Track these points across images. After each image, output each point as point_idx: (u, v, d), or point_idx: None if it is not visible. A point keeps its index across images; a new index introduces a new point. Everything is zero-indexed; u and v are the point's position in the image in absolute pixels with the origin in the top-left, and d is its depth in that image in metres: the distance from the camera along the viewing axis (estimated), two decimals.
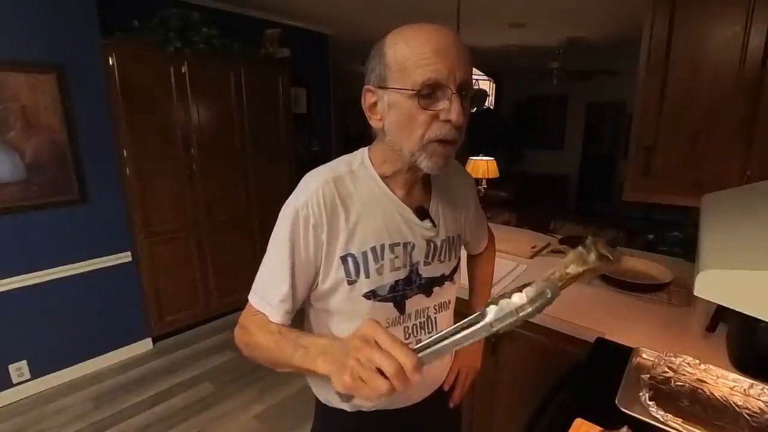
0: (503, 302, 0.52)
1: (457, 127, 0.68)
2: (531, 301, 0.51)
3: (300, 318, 0.85)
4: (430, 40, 0.65)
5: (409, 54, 0.65)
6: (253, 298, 0.78)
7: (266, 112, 3.28)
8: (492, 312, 0.52)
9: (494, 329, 0.52)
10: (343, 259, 0.74)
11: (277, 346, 0.69)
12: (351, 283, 0.76)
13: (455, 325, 0.53)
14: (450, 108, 0.66)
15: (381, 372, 0.49)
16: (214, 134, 2.97)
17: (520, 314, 0.51)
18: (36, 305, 2.34)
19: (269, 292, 0.75)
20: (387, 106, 0.70)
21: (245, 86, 3.08)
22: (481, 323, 0.52)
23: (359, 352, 0.51)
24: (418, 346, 0.53)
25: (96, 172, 2.45)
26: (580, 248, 0.56)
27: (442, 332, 0.52)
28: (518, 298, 0.52)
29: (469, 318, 0.52)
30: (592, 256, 0.54)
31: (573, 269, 0.55)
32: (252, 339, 0.74)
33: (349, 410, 0.85)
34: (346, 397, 0.57)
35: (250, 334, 0.75)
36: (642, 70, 1.48)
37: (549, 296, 0.52)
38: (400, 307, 0.81)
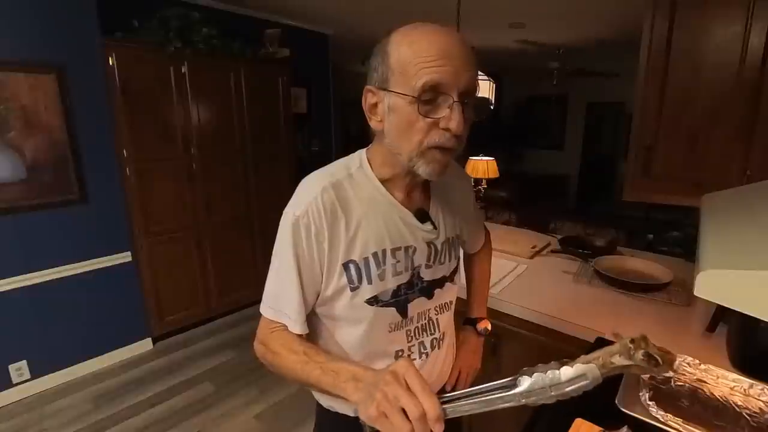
0: (538, 376, 0.50)
1: (456, 136, 0.66)
2: (568, 382, 0.50)
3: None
4: (434, 41, 0.63)
5: (412, 56, 0.63)
6: (267, 311, 0.77)
7: (266, 112, 3.28)
8: (525, 383, 0.51)
9: (523, 401, 0.50)
10: (345, 266, 0.74)
11: (303, 368, 0.69)
12: (353, 289, 0.75)
13: (485, 385, 0.52)
14: (450, 116, 0.64)
15: (405, 413, 0.50)
16: (214, 134, 2.97)
17: (553, 393, 0.50)
18: (36, 305, 2.34)
19: (284, 303, 0.75)
20: (387, 109, 0.68)
21: (245, 86, 3.08)
22: (512, 392, 0.51)
23: (388, 386, 0.52)
24: (445, 397, 0.53)
25: (96, 172, 2.45)
26: (628, 341, 0.54)
27: (472, 389, 0.52)
28: (554, 375, 0.50)
29: (502, 381, 0.52)
30: (639, 355, 0.53)
31: (618, 360, 0.52)
32: (276, 360, 0.73)
33: (353, 415, 0.84)
34: (371, 429, 0.56)
35: (273, 354, 0.74)
36: (642, 70, 1.48)
37: (587, 381, 0.50)
38: (403, 312, 0.80)
